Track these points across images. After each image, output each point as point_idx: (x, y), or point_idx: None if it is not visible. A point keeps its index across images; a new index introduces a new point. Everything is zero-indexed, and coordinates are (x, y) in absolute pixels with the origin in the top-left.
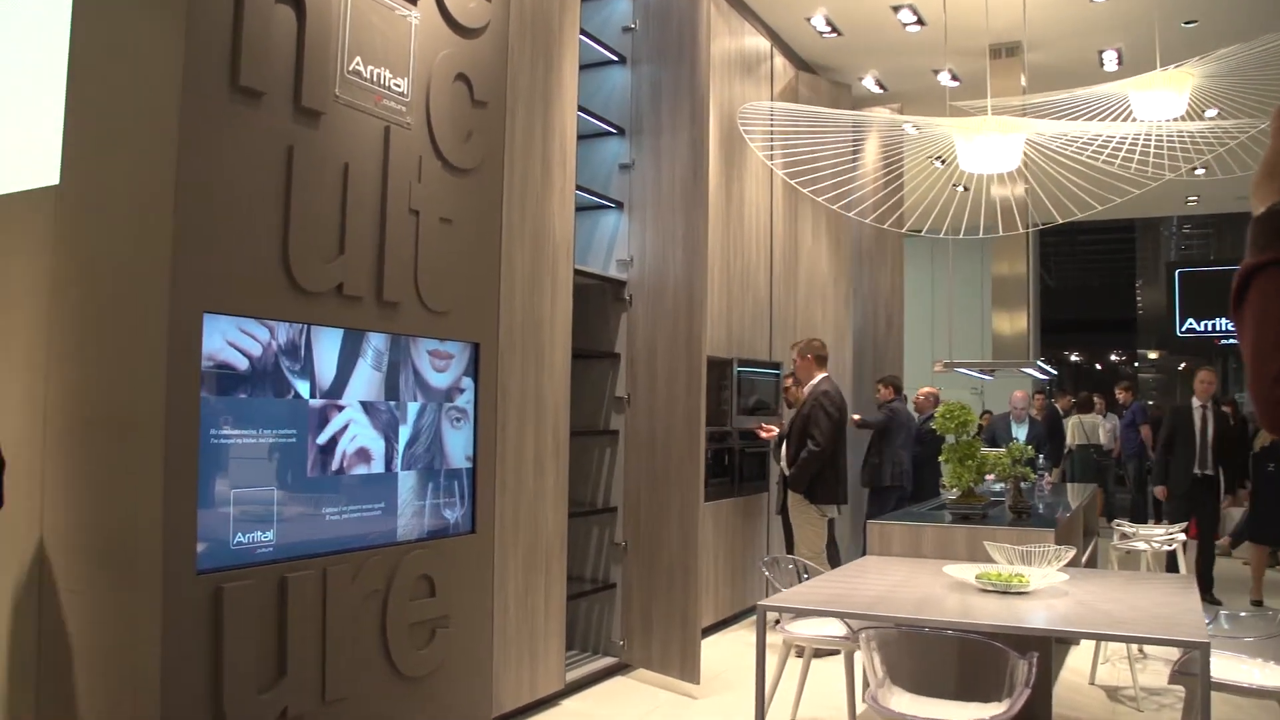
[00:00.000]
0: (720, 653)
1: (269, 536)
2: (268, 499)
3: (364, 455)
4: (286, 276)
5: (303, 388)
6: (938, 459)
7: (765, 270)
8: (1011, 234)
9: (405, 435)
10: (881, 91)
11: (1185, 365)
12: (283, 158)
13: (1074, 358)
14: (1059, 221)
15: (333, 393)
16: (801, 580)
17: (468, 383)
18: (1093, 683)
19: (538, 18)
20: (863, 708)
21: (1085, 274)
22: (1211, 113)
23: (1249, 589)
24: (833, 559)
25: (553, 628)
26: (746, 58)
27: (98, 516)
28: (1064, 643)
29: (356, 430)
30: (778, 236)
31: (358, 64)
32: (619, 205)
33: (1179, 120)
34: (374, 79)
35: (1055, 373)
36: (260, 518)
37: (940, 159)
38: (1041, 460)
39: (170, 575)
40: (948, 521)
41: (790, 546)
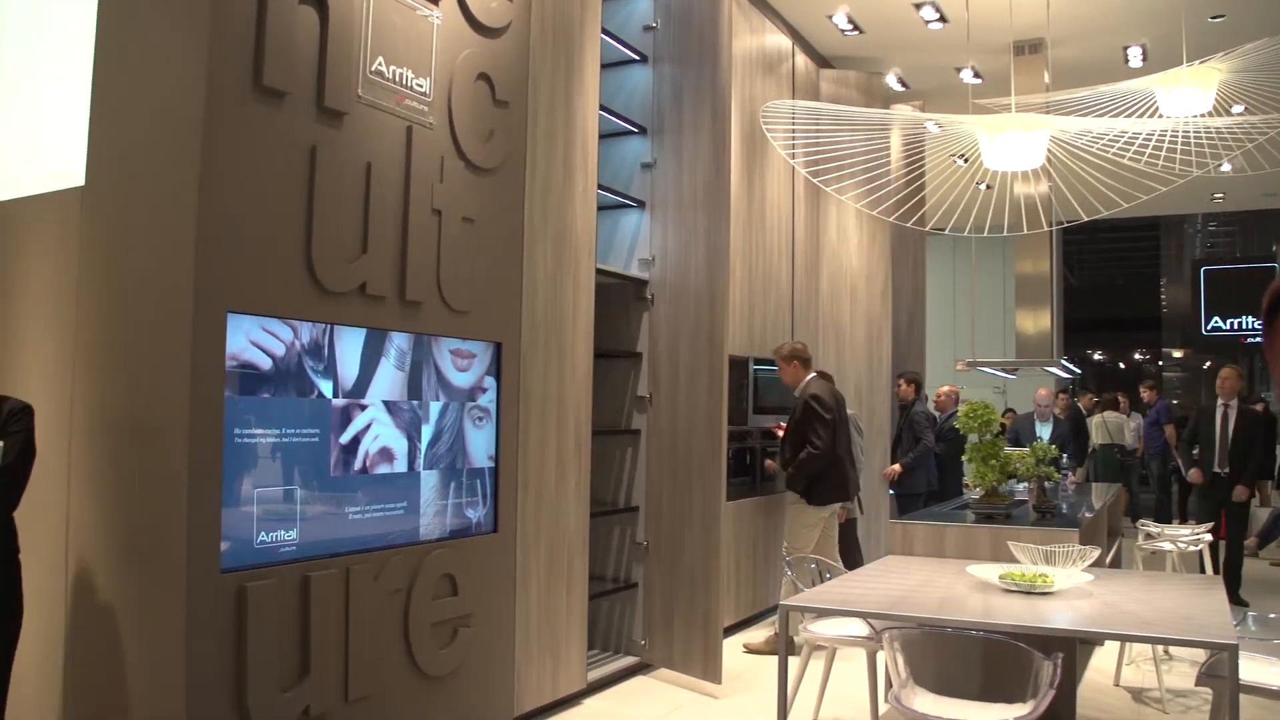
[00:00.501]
0: (742, 652)
1: (292, 536)
2: (291, 498)
3: (386, 455)
4: (309, 276)
5: (326, 387)
6: (960, 458)
7: (787, 268)
8: (1035, 232)
9: (427, 435)
10: (903, 89)
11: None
12: (306, 158)
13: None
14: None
15: (355, 392)
16: (823, 580)
17: (490, 382)
18: (1118, 684)
19: (559, 17)
20: (885, 708)
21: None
22: (1238, 108)
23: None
24: (854, 560)
25: (574, 627)
26: (768, 56)
27: (122, 515)
28: (1088, 644)
29: (379, 430)
30: (799, 234)
31: (380, 64)
32: (641, 204)
33: (1205, 116)
34: (396, 79)
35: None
36: (283, 517)
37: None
38: (1065, 460)
39: (194, 574)
40: (971, 521)
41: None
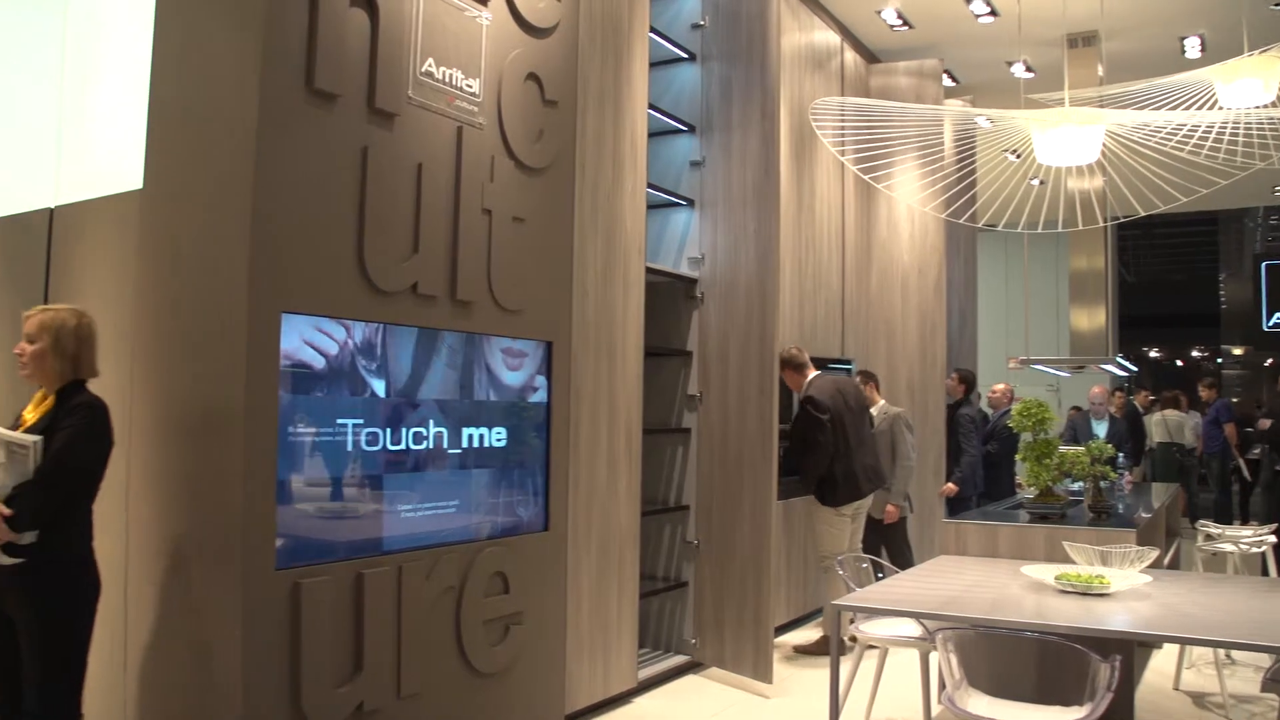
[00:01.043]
0: (792, 652)
1: (345, 533)
2: (344, 496)
3: (438, 453)
4: (362, 276)
5: (378, 386)
6: (1013, 457)
7: (838, 265)
8: (1090, 228)
9: (479, 434)
10: (953, 84)
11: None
12: (357, 159)
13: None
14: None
15: (407, 391)
16: (876, 579)
17: (541, 381)
18: (1177, 688)
19: (607, 16)
20: (938, 709)
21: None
22: None
23: None
24: (905, 560)
25: (625, 625)
26: (817, 52)
27: (180, 512)
28: (1147, 646)
29: (430, 429)
30: (849, 230)
31: (430, 65)
32: (690, 203)
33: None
34: (446, 80)
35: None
36: (336, 514)
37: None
38: (1121, 459)
39: (250, 571)
40: (1025, 521)
41: (870, 546)
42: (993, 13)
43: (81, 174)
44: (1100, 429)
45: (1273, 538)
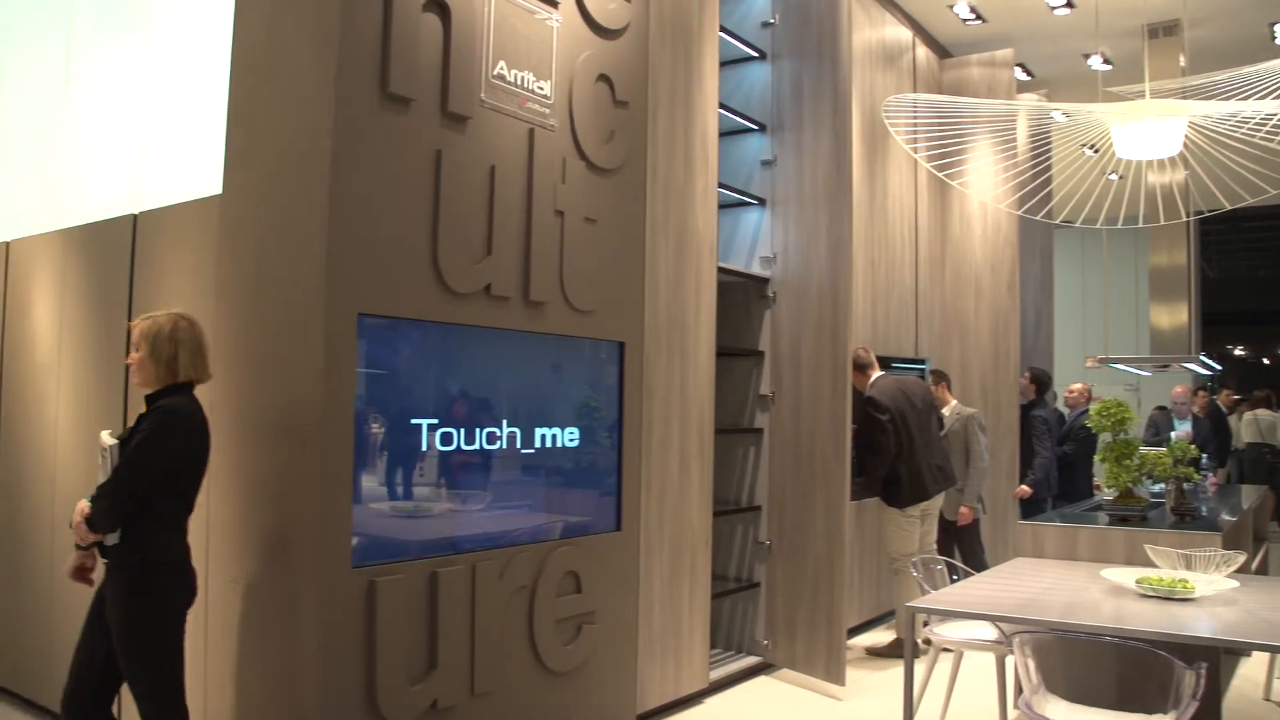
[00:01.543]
0: (865, 654)
1: (420, 532)
2: (419, 495)
3: (511, 453)
4: (436, 278)
5: (452, 387)
6: (1091, 457)
7: (910, 264)
8: (1171, 223)
9: (552, 434)
10: (1027, 78)
11: None
12: (431, 162)
13: (1238, 352)
14: (1226, 208)
15: (481, 392)
16: (951, 581)
17: (613, 381)
18: (1267, 698)
19: (677, 16)
20: (1015, 715)
21: (1250, 263)
22: None
23: None
24: (978, 562)
25: (697, 626)
26: (888, 48)
27: (259, 511)
28: (1233, 654)
29: (504, 429)
30: (922, 228)
31: (502, 68)
32: (761, 202)
33: None
34: (518, 82)
35: (1219, 368)
36: (411, 514)
37: (1092, 147)
38: (1205, 460)
39: (327, 569)
40: (1104, 523)
41: (943, 548)
42: (1069, 4)
43: (163, 180)
44: (1183, 429)
45: None
